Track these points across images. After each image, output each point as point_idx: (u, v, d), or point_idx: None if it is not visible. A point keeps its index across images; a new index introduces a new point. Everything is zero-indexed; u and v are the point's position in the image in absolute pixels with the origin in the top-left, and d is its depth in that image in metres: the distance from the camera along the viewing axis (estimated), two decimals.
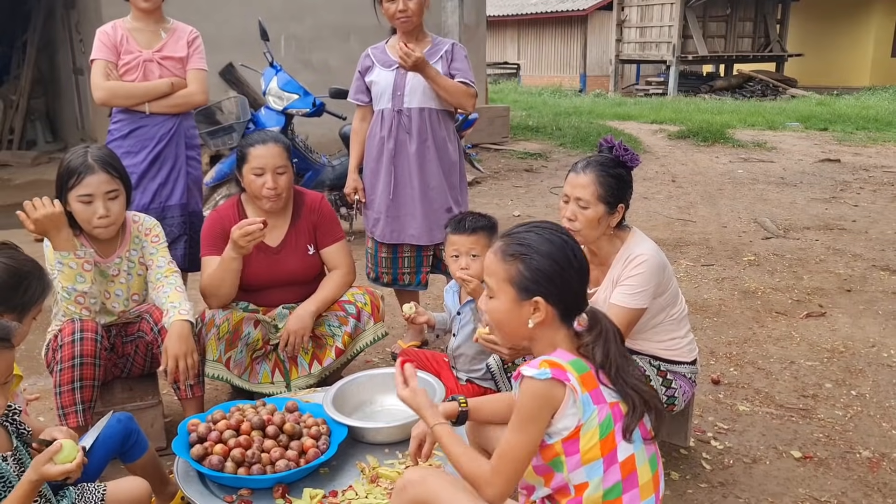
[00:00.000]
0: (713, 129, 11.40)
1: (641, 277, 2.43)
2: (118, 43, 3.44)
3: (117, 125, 3.53)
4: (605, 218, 2.45)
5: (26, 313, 2.03)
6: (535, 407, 1.67)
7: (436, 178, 3.56)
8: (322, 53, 9.40)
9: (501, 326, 1.83)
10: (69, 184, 2.65)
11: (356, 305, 3.11)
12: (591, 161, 2.47)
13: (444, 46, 3.54)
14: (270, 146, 2.98)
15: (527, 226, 1.81)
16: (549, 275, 1.72)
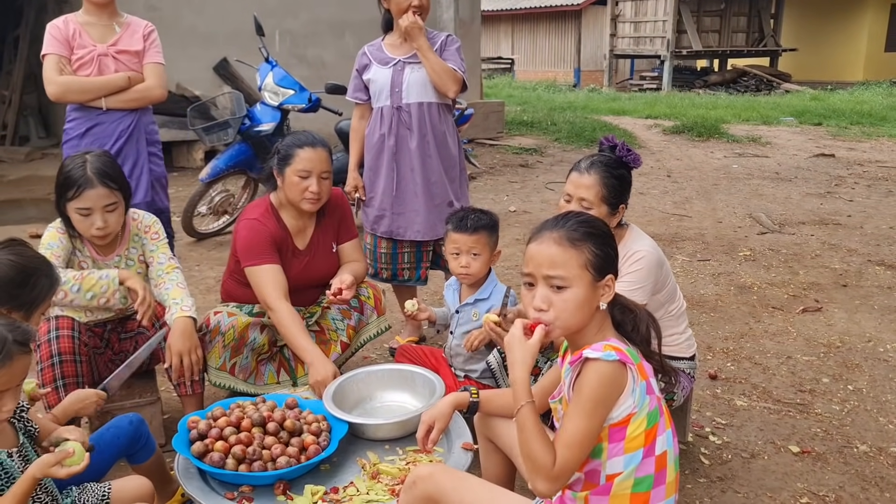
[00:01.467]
0: (708, 124, 11.42)
1: (639, 274, 2.44)
2: (70, 37, 3.36)
3: (73, 123, 3.44)
4: (607, 218, 2.45)
5: (34, 310, 2.03)
6: (602, 390, 1.60)
7: (436, 172, 3.56)
8: (317, 49, 9.38)
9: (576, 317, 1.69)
10: (67, 195, 2.63)
11: (359, 299, 3.10)
12: (595, 161, 2.47)
13: (438, 39, 3.55)
14: (319, 150, 2.90)
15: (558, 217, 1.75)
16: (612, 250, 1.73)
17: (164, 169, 3.70)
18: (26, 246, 2.09)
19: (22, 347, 1.67)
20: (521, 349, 1.71)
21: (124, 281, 2.67)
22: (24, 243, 2.10)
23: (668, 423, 1.72)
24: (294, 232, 3.02)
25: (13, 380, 1.67)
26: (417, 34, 3.41)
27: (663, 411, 1.71)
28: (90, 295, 2.62)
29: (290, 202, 2.96)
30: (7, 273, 1.97)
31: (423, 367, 2.96)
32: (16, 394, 1.71)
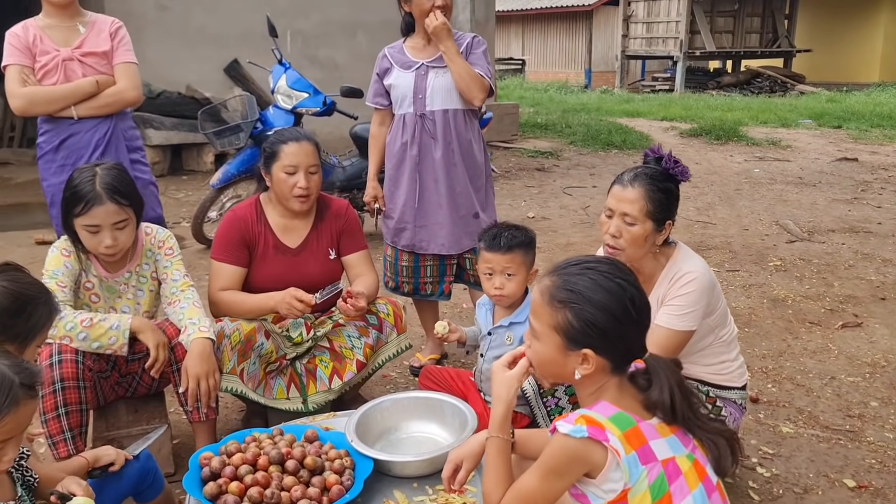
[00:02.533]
0: (726, 126, 11.20)
1: (690, 297, 2.24)
2: (31, 44, 3.11)
3: (45, 136, 3.21)
4: (652, 235, 2.26)
5: (30, 342, 1.84)
6: (563, 462, 1.53)
7: (462, 182, 3.38)
8: (328, 50, 9.22)
9: (544, 369, 1.68)
10: (75, 210, 2.46)
11: (378, 316, 2.92)
12: (639, 174, 2.28)
13: (464, 40, 3.36)
14: (304, 144, 2.81)
15: (579, 264, 1.62)
16: (601, 328, 1.55)
17: (150, 175, 3.48)
18: (22, 272, 1.90)
19: (29, 391, 1.50)
20: (500, 383, 1.75)
21: (137, 333, 2.48)
22: (20, 268, 1.92)
23: (695, 481, 1.52)
24: (279, 229, 2.91)
25: (18, 427, 1.50)
26: (445, 36, 3.22)
27: (680, 472, 1.51)
28: (97, 345, 2.43)
29: (281, 201, 2.86)
30: (2, 302, 1.79)
31: (450, 391, 2.80)
32: (18, 442, 1.54)
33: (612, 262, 1.64)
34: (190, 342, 2.49)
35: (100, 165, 2.54)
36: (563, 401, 2.48)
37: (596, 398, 1.57)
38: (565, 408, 2.48)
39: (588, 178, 8.38)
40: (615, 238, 2.28)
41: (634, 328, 1.58)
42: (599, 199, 7.31)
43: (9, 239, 5.86)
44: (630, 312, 1.56)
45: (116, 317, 2.50)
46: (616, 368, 1.58)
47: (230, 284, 2.83)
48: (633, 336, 1.59)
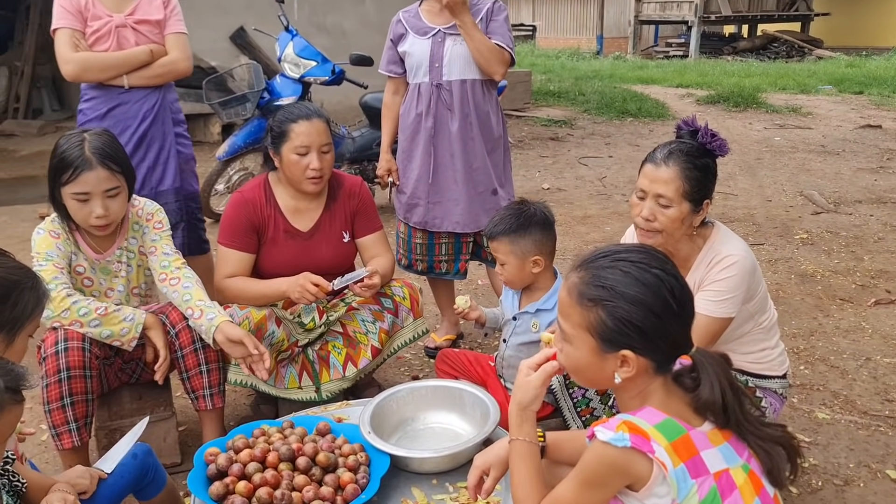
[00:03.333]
0: (744, 93, 10.90)
1: (730, 282, 2.08)
2: (83, 8, 2.98)
3: (90, 103, 3.09)
4: (689, 217, 2.09)
5: (17, 332, 1.68)
6: (602, 473, 1.37)
7: (479, 157, 3.20)
8: (336, 16, 8.98)
9: (580, 376, 1.52)
10: (62, 178, 2.29)
11: (393, 299, 2.77)
12: (674, 150, 2.08)
13: (484, 5, 3.15)
14: (315, 122, 2.63)
15: (608, 256, 1.45)
16: (639, 325, 1.38)
17: (192, 150, 3.38)
18: (7, 255, 1.74)
19: (14, 396, 1.37)
20: (518, 385, 1.60)
21: (147, 329, 2.37)
22: (5, 252, 1.76)
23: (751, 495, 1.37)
24: (290, 211, 2.75)
25: (5, 433, 1.37)
26: (461, 9, 3.01)
27: (735, 486, 1.36)
28: (107, 333, 2.30)
29: (292, 183, 2.69)
30: None
31: (467, 376, 2.68)
32: (2, 448, 1.40)
33: (645, 250, 1.46)
34: (216, 327, 2.35)
35: (87, 131, 2.38)
36: (591, 391, 2.33)
37: (640, 402, 1.41)
38: (592, 399, 2.33)
39: (604, 147, 8.16)
40: (649, 221, 2.10)
41: (676, 322, 1.42)
42: (616, 170, 7.12)
43: (13, 213, 5.74)
44: (670, 305, 1.39)
45: (130, 309, 2.37)
46: (660, 368, 1.42)
47: (238, 271, 2.67)
48: (676, 331, 1.42)
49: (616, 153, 7.82)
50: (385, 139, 3.42)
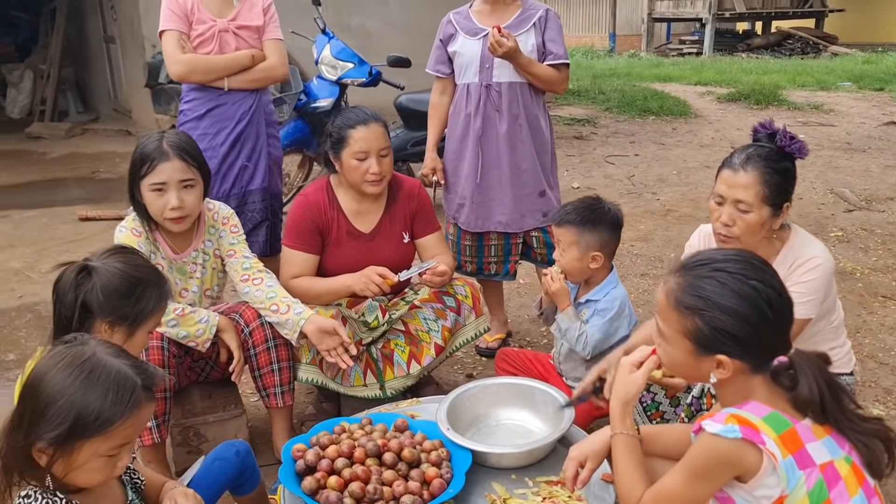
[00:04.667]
0: (765, 90, 10.88)
1: (814, 283, 2.10)
2: (189, 11, 3.13)
3: (191, 104, 3.23)
4: (769, 221, 2.11)
5: (139, 325, 1.81)
6: (711, 465, 1.42)
7: (528, 159, 3.23)
8: (360, 17, 9.03)
9: (676, 371, 1.59)
10: (141, 171, 2.39)
11: (456, 298, 2.82)
12: (752, 155, 2.08)
13: (536, 13, 3.18)
14: (373, 126, 2.69)
15: (707, 265, 1.49)
16: (735, 334, 1.43)
17: (280, 151, 3.52)
18: (137, 254, 1.90)
19: (148, 394, 1.43)
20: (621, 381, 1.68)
21: (220, 331, 2.44)
22: (135, 251, 1.93)
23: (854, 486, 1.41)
24: (352, 213, 2.81)
25: (136, 431, 1.44)
26: (514, 56, 3.02)
27: (840, 477, 1.40)
28: (184, 334, 2.38)
29: (353, 186, 2.75)
30: (112, 282, 1.76)
31: (528, 374, 2.72)
32: (132, 446, 1.47)
33: (744, 258, 1.50)
34: (305, 321, 2.45)
35: (166, 131, 2.50)
36: (660, 395, 2.37)
37: (742, 398, 1.46)
38: (662, 402, 2.38)
39: (629, 146, 8.19)
40: (728, 227, 2.11)
41: (773, 329, 1.46)
42: (643, 168, 7.15)
43: (53, 215, 5.81)
44: (766, 315, 1.44)
45: (205, 311, 2.44)
46: (756, 369, 1.47)
47: (303, 272, 2.74)
48: (773, 336, 1.47)
49: (642, 151, 7.84)
50: (431, 138, 3.46)
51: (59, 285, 1.79)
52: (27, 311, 4.03)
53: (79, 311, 1.75)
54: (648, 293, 4.17)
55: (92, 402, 1.36)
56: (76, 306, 1.75)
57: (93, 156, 8.05)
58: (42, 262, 4.78)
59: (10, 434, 1.39)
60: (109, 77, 9.77)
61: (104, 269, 1.79)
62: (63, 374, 1.38)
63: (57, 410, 1.35)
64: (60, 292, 1.77)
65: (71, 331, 1.65)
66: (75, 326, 1.74)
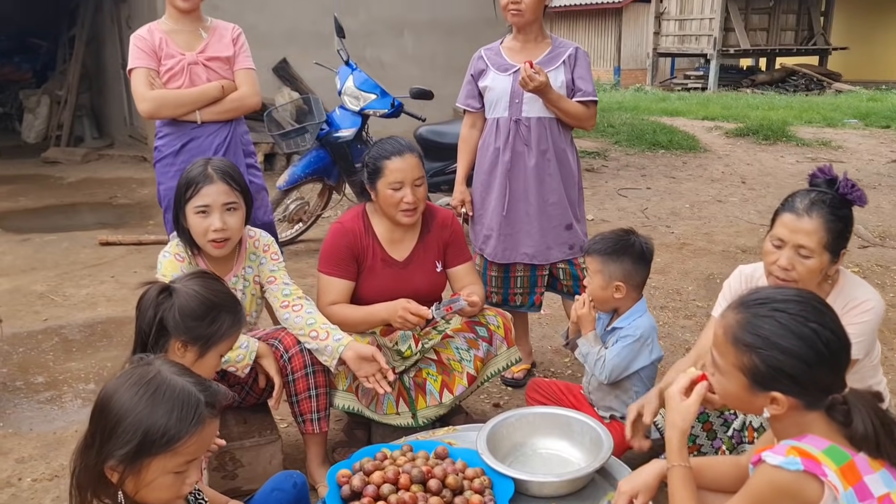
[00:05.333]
0: (773, 126, 11.00)
1: (866, 325, 2.13)
2: (157, 47, 3.14)
3: (165, 140, 3.23)
4: (828, 267, 2.12)
5: (210, 347, 1.91)
6: (772, 496, 1.45)
7: (556, 193, 3.29)
8: (375, 49, 9.16)
9: (728, 402, 1.64)
10: (186, 195, 2.47)
11: (488, 328, 2.86)
12: (815, 201, 2.09)
13: (566, 51, 3.26)
14: (408, 157, 2.74)
15: (767, 304, 1.54)
16: (791, 374, 1.48)
17: (263, 181, 3.49)
18: (218, 281, 2.01)
19: (212, 411, 1.48)
20: (675, 411, 1.70)
21: (259, 357, 2.48)
22: (217, 278, 2.03)
23: None
24: (386, 241, 2.86)
25: (203, 447, 1.48)
26: (545, 91, 3.10)
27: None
28: (224, 359, 2.41)
29: (388, 216, 2.80)
30: (190, 304, 1.87)
31: (560, 405, 2.75)
32: (200, 464, 1.50)
33: (805, 299, 1.54)
34: (344, 347, 2.48)
35: (211, 158, 2.58)
36: (697, 427, 2.40)
37: (799, 431, 1.49)
38: (699, 435, 2.40)
39: (640, 179, 8.27)
40: (786, 271, 2.12)
41: (829, 371, 1.51)
42: (656, 202, 7.21)
43: (73, 239, 5.87)
44: (823, 356, 1.49)
45: (245, 337, 2.48)
46: (809, 406, 1.51)
47: (340, 298, 2.78)
48: (829, 377, 1.52)
49: (654, 185, 7.92)
50: (460, 171, 3.52)
51: (141, 302, 1.90)
52: (53, 334, 4.06)
53: (156, 328, 1.85)
54: (668, 326, 4.20)
55: (158, 419, 1.40)
56: (154, 323, 1.85)
57: (109, 181, 8.13)
58: (65, 286, 4.82)
59: (83, 452, 1.43)
60: (126, 103, 9.88)
61: (184, 290, 1.89)
62: (130, 393, 1.43)
63: (125, 428, 1.40)
64: (142, 309, 1.89)
65: (148, 346, 1.75)
66: (152, 342, 1.84)
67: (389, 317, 2.68)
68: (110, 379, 1.48)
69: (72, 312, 4.38)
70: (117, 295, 4.67)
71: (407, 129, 6.15)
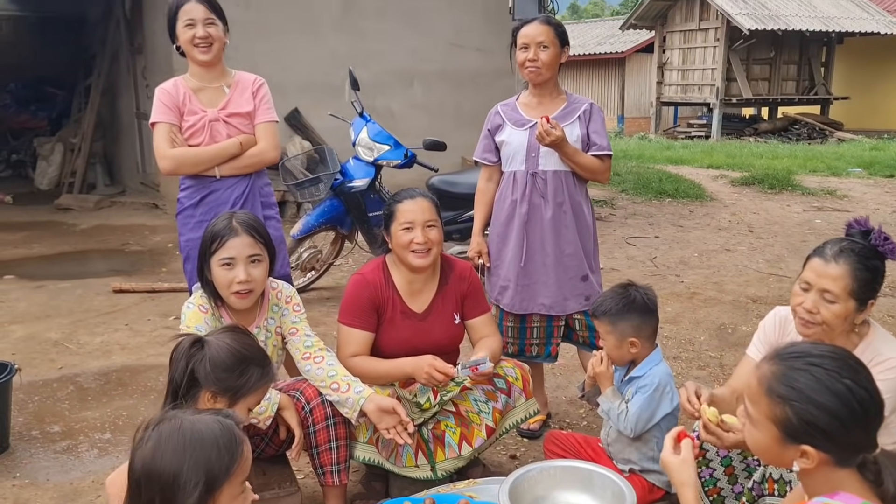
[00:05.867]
0: (778, 175, 11.10)
1: (890, 384, 2.14)
2: (181, 103, 3.19)
3: (186, 192, 3.28)
4: (853, 315, 2.14)
5: (239, 398, 1.98)
6: None
7: (572, 244, 3.34)
8: (385, 99, 9.31)
9: (758, 453, 1.67)
10: (212, 247, 2.52)
11: (506, 380, 2.88)
12: (845, 249, 2.14)
13: (581, 106, 3.34)
14: (419, 200, 2.82)
15: (802, 358, 1.56)
16: (823, 428, 1.50)
17: (282, 232, 3.52)
18: (248, 335, 2.08)
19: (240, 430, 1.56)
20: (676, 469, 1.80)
21: (283, 409, 2.51)
22: (248, 333, 2.11)
23: None
24: (406, 293, 2.89)
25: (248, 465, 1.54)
26: (561, 145, 3.18)
27: None
28: None
29: (401, 260, 2.84)
30: (220, 356, 1.95)
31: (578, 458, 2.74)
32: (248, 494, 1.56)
33: (840, 356, 1.57)
34: (365, 399, 2.51)
35: (235, 211, 2.66)
36: (719, 471, 2.41)
37: (831, 488, 1.50)
38: (720, 479, 2.40)
39: (648, 227, 8.33)
40: (811, 314, 2.15)
41: (861, 428, 1.52)
42: (664, 251, 7.26)
43: (86, 286, 5.91)
44: (857, 414, 1.50)
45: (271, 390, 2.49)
46: (840, 463, 1.53)
47: (361, 350, 2.81)
48: (861, 435, 1.53)
49: (662, 233, 7.97)
50: (477, 223, 3.58)
51: (174, 353, 1.97)
52: (69, 382, 4.08)
53: (188, 379, 1.92)
54: (682, 376, 4.20)
55: (210, 454, 1.47)
56: (186, 374, 1.92)
57: (122, 228, 8.21)
58: (79, 333, 4.85)
59: None
60: (139, 151, 10.03)
61: (215, 343, 1.96)
62: (170, 447, 1.47)
63: (187, 478, 1.44)
64: (175, 359, 1.95)
65: (179, 395, 1.79)
66: (183, 391, 1.91)
67: (414, 372, 2.71)
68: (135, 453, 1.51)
69: (86, 360, 4.40)
70: (132, 343, 4.69)
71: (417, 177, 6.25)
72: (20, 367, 3.40)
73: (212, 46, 3.15)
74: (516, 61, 3.34)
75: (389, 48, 9.14)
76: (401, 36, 9.18)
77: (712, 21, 20.34)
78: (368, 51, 8.98)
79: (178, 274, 6.30)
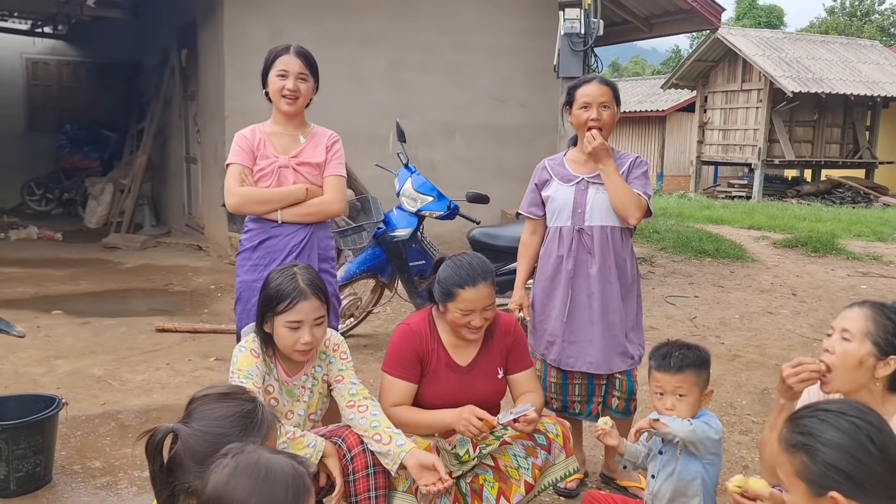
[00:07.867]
0: (822, 238, 10.95)
1: None
2: (255, 147, 3.26)
3: (248, 235, 3.33)
4: (868, 361, 2.09)
5: None
6: None
7: (616, 300, 3.33)
8: (427, 150, 9.46)
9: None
10: (278, 308, 2.53)
11: (547, 436, 2.85)
12: (872, 302, 2.19)
13: (626, 160, 3.38)
14: (480, 288, 2.74)
15: (811, 407, 1.65)
16: (841, 468, 1.52)
17: (335, 287, 3.52)
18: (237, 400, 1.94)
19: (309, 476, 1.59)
20: None
21: (326, 457, 2.52)
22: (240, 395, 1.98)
23: None
24: (451, 346, 2.90)
25: None
26: (604, 155, 3.26)
27: None
28: None
29: (453, 331, 2.86)
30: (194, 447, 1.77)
31: None
32: None
33: (846, 401, 1.66)
34: (406, 453, 2.51)
35: (296, 266, 2.65)
36: None
37: None
38: None
39: (688, 287, 8.25)
40: (826, 352, 2.16)
41: (881, 467, 1.53)
42: (704, 310, 7.17)
43: (130, 325, 6.02)
44: (870, 449, 1.53)
45: (313, 436, 2.52)
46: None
47: (403, 400, 2.81)
48: (884, 476, 1.53)
49: (701, 293, 7.89)
50: (520, 276, 3.59)
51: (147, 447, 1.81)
52: (110, 419, 4.13)
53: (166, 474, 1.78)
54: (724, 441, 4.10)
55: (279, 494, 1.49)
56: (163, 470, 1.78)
57: (166, 268, 8.37)
58: (122, 371, 4.92)
59: None
60: (186, 193, 10.28)
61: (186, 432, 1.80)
62: (244, 478, 1.50)
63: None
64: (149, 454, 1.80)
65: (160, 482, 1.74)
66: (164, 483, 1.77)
67: (455, 423, 2.70)
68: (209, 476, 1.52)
69: (128, 398, 4.46)
70: (172, 382, 4.75)
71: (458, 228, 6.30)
72: (67, 401, 3.46)
73: (297, 100, 3.24)
74: (570, 119, 3.39)
75: (433, 101, 9.32)
76: (444, 89, 9.37)
77: (755, 82, 20.38)
78: (412, 103, 9.17)
79: (219, 315, 6.40)
